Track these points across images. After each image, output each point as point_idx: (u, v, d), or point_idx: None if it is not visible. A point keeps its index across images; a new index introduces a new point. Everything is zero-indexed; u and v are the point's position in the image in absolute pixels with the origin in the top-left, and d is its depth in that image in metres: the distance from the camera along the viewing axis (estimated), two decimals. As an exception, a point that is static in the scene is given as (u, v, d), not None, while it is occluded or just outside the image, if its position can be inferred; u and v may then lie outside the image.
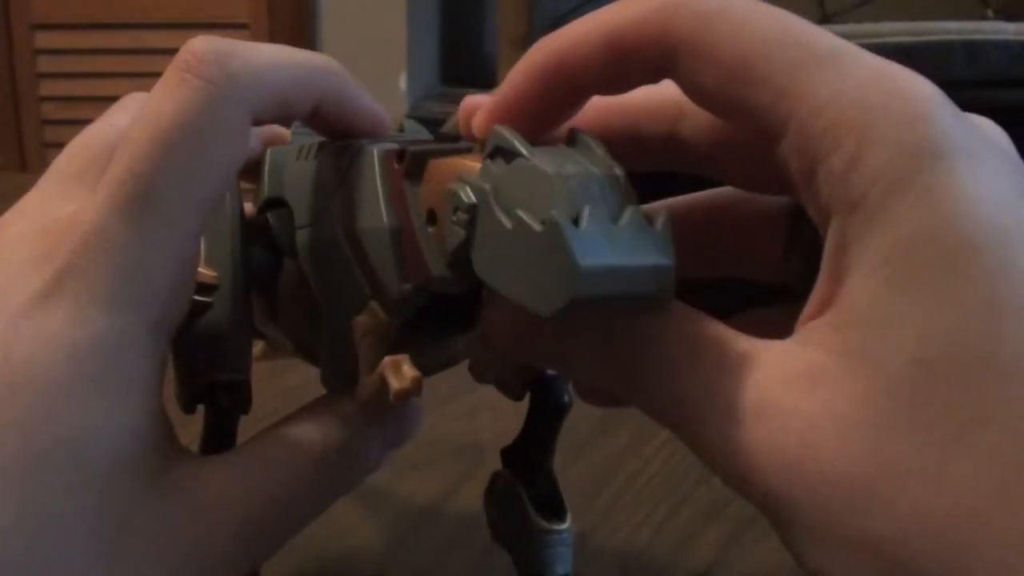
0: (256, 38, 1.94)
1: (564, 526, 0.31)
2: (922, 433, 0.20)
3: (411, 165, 0.27)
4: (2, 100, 1.98)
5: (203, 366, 0.31)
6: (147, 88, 0.31)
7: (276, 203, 0.32)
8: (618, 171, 0.23)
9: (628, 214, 0.22)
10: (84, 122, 0.31)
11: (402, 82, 1.97)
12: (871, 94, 0.22)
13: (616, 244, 0.22)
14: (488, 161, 0.24)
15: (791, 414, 0.21)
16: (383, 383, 0.28)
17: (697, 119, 0.27)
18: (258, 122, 0.28)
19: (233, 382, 0.32)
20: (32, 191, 0.30)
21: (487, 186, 0.23)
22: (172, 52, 0.28)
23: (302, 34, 1.99)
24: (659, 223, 0.22)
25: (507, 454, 0.32)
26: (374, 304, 0.29)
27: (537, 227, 0.22)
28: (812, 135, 0.22)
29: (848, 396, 0.21)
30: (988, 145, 0.22)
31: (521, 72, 0.26)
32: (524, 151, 0.23)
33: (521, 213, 0.22)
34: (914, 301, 0.21)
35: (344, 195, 0.29)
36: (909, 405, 0.20)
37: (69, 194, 0.29)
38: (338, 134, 0.31)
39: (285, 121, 0.30)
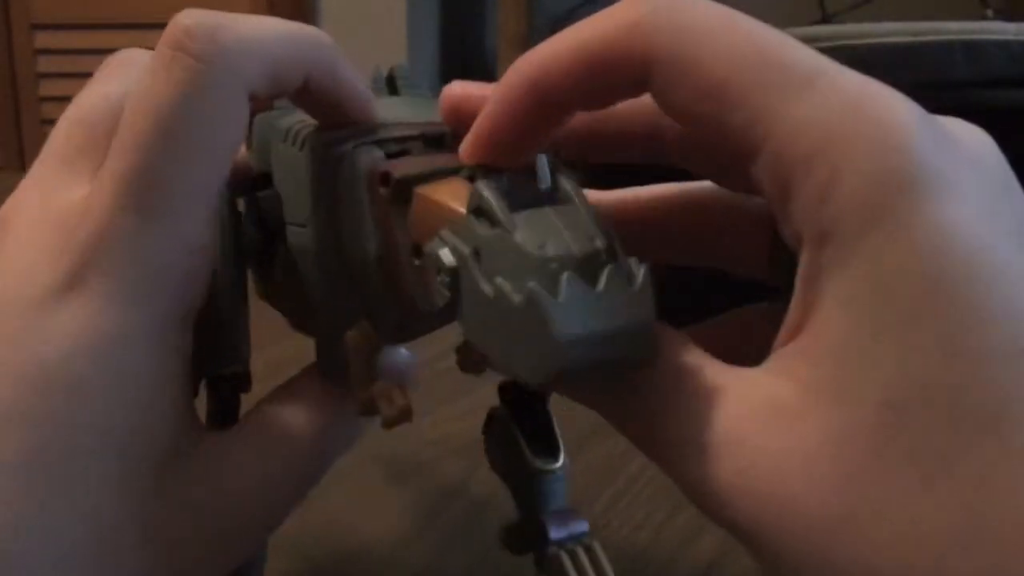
0: (256, 38, 1.95)
1: (557, 465, 0.31)
2: (889, 477, 0.20)
3: (396, 192, 0.27)
4: (2, 100, 1.98)
5: (202, 359, 0.32)
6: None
7: (264, 179, 0.32)
8: (599, 242, 0.23)
9: (606, 277, 0.22)
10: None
11: (402, 82, 1.97)
12: (846, 121, 0.21)
13: (595, 311, 0.22)
14: (471, 218, 0.24)
15: (761, 450, 0.21)
16: (374, 406, 0.29)
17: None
18: (252, 97, 0.28)
19: (233, 373, 0.32)
20: (33, 170, 0.29)
21: (467, 250, 0.23)
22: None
23: (302, 34, 2.00)
24: (637, 282, 0.23)
25: (503, 389, 0.32)
26: (364, 323, 0.29)
27: (517, 299, 0.22)
28: (785, 161, 0.22)
29: (817, 434, 0.21)
30: (971, 169, 0.22)
31: (500, 96, 0.25)
32: (504, 222, 0.23)
33: (502, 283, 0.22)
34: (884, 342, 0.21)
35: (332, 205, 0.29)
36: (877, 448, 0.20)
37: (73, 176, 0.28)
38: (324, 112, 0.30)
39: (277, 95, 0.29)
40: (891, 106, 0.22)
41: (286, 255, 0.31)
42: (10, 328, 0.26)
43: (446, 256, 0.24)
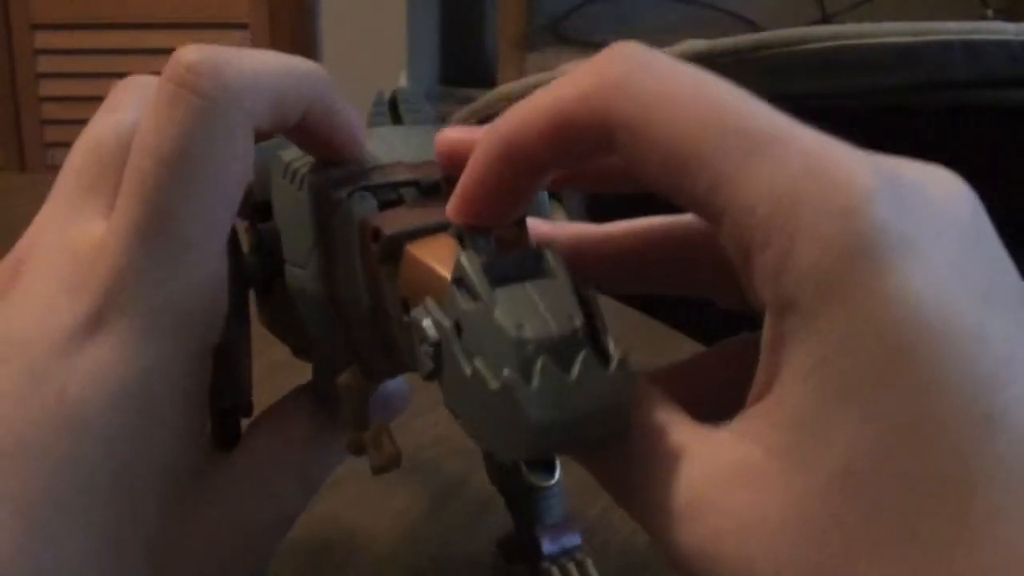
0: (256, 38, 1.94)
1: (553, 481, 0.32)
2: (849, 544, 0.20)
3: (386, 249, 0.27)
4: (2, 100, 1.98)
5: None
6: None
7: (265, 208, 0.32)
8: (577, 321, 0.23)
9: (581, 362, 0.23)
10: (84, 122, 0.31)
11: (402, 82, 1.97)
12: (804, 187, 0.21)
13: (569, 397, 0.22)
14: (454, 289, 0.24)
15: (727, 514, 0.22)
16: (364, 450, 0.30)
17: None
18: (255, 131, 0.28)
19: (233, 407, 0.32)
20: (49, 203, 0.30)
21: (448, 324, 0.24)
22: (172, 52, 0.28)
23: (302, 34, 1.99)
24: (613, 364, 0.23)
25: None
26: (356, 368, 0.30)
27: (493, 383, 0.22)
28: (745, 230, 0.22)
29: (779, 500, 0.21)
30: (937, 228, 0.21)
31: (478, 159, 0.26)
32: (484, 298, 0.23)
33: (479, 364, 0.23)
34: (843, 411, 0.21)
35: (326, 252, 0.29)
36: (837, 515, 0.20)
37: (88, 210, 0.29)
38: (316, 146, 0.30)
39: (279, 130, 0.30)
40: (850, 169, 0.21)
41: (284, 289, 0.31)
42: (32, 364, 0.26)
43: (429, 329, 0.24)
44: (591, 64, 0.24)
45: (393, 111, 0.34)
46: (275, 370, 0.36)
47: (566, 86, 0.24)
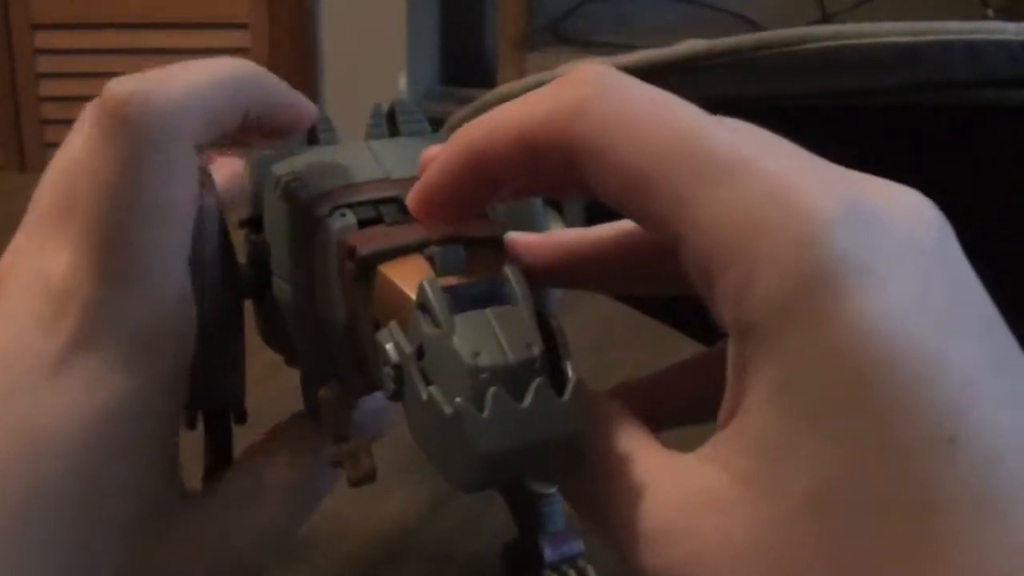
0: (256, 38, 1.94)
1: (555, 488, 0.32)
2: (813, 569, 0.20)
3: (360, 269, 0.28)
4: (2, 100, 1.98)
5: (193, 397, 0.32)
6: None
7: (259, 221, 0.32)
8: (535, 349, 0.23)
9: (534, 390, 0.23)
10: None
11: (402, 82, 1.97)
12: (764, 213, 0.21)
13: (521, 426, 0.23)
14: (418, 313, 0.24)
15: (694, 540, 0.22)
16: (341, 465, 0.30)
17: None
18: (197, 148, 0.29)
19: (223, 410, 0.33)
20: (22, 228, 0.30)
21: (409, 349, 0.24)
22: (172, 52, 0.28)
23: (302, 34, 1.99)
24: (568, 391, 0.23)
25: None
26: (336, 382, 0.30)
27: (447, 410, 0.23)
28: (704, 254, 0.22)
29: (744, 526, 0.21)
30: (899, 254, 0.21)
31: (442, 164, 0.26)
32: (444, 324, 0.24)
33: (435, 391, 0.23)
34: (805, 438, 0.21)
35: (307, 268, 0.30)
36: (802, 541, 0.20)
37: (57, 237, 0.29)
38: (263, 138, 0.31)
39: (222, 139, 0.30)
40: (810, 196, 0.21)
41: (275, 301, 0.32)
42: (3, 396, 0.27)
43: (391, 352, 0.25)
44: (553, 87, 0.24)
45: (391, 123, 0.35)
46: (275, 370, 0.36)
47: (528, 108, 0.24)
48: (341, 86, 2.00)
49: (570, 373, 0.24)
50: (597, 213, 0.31)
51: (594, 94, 0.24)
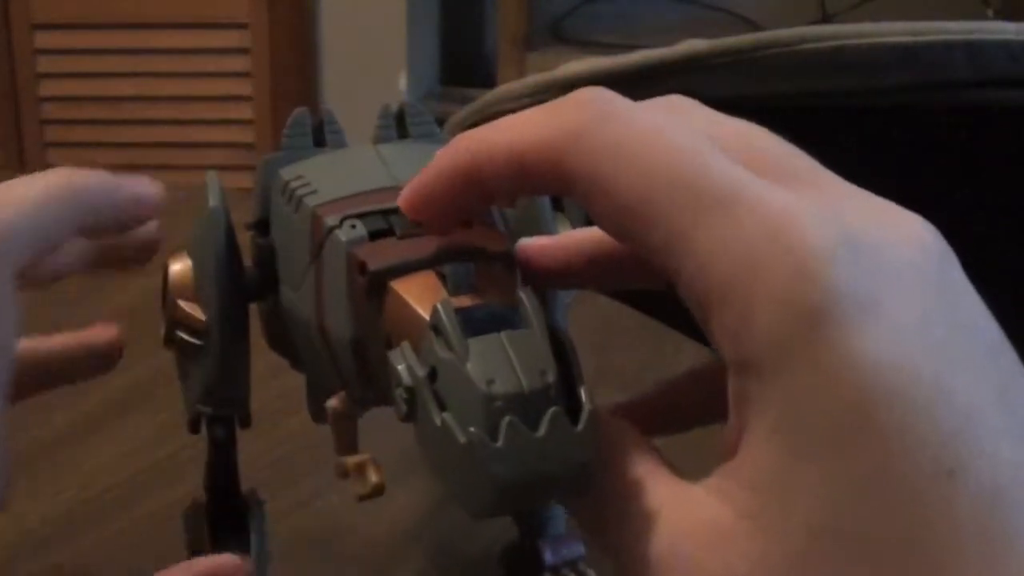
0: (256, 38, 1.94)
1: None
2: None
3: (371, 286, 0.27)
4: (2, 100, 1.98)
5: (194, 400, 0.32)
6: (148, 88, 0.31)
7: (265, 225, 0.32)
8: (550, 376, 0.23)
9: (548, 420, 0.23)
10: (84, 122, 0.32)
11: (402, 82, 1.97)
12: (760, 248, 0.21)
13: (534, 456, 0.23)
14: (431, 335, 0.24)
15: (696, 569, 0.22)
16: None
17: None
18: (20, 274, 0.29)
19: (224, 415, 0.32)
20: None
21: (422, 373, 0.24)
22: (172, 52, 0.28)
23: (302, 34, 1.99)
24: (582, 421, 0.23)
25: None
26: (344, 394, 0.30)
27: (461, 438, 0.23)
28: (701, 287, 0.22)
29: (747, 559, 0.21)
30: (898, 284, 0.21)
31: (436, 170, 0.26)
32: (457, 348, 0.24)
33: (448, 418, 0.23)
34: (805, 473, 0.21)
35: (316, 278, 0.30)
36: (801, 574, 0.20)
37: None
38: (108, 234, 0.32)
39: (51, 253, 0.31)
40: (808, 229, 0.21)
41: (281, 308, 0.32)
42: None
43: (404, 375, 0.25)
44: (551, 110, 0.24)
45: (400, 124, 0.34)
46: (276, 370, 0.36)
47: (526, 129, 0.24)
48: (341, 86, 2.00)
49: (584, 400, 0.24)
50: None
51: (591, 120, 0.23)
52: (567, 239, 0.30)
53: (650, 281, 0.29)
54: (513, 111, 0.26)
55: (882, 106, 0.51)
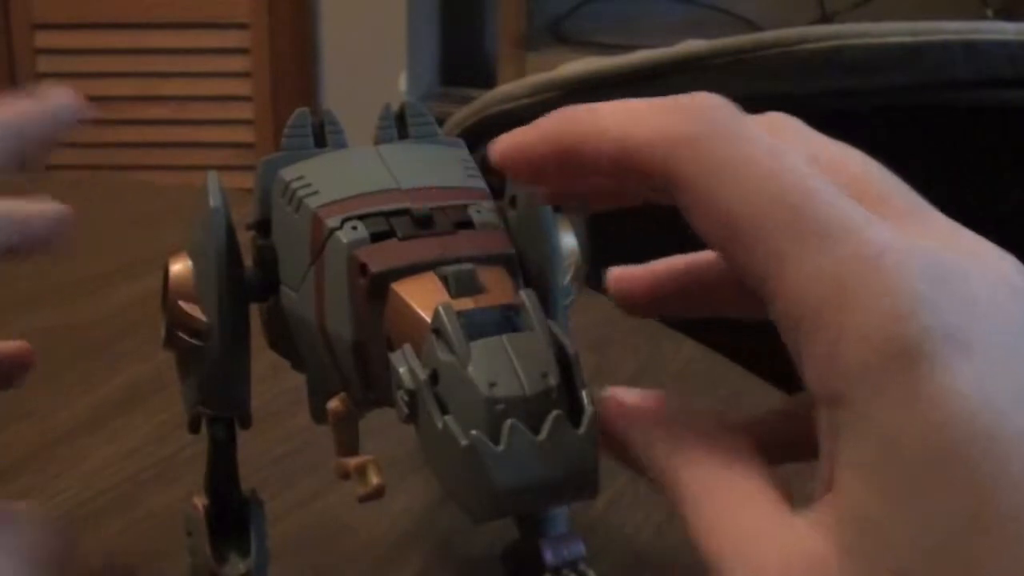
0: (256, 38, 1.94)
1: None
2: None
3: (372, 287, 0.27)
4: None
5: (194, 401, 0.32)
6: (148, 88, 0.31)
7: (266, 225, 0.32)
8: (552, 379, 0.23)
9: (551, 423, 0.23)
10: (84, 122, 0.31)
11: (402, 82, 1.97)
12: (855, 281, 0.22)
13: (537, 459, 0.23)
14: (432, 337, 0.24)
15: None
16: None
17: None
18: None
19: (225, 416, 0.32)
20: None
21: (424, 376, 0.24)
22: (172, 52, 0.28)
23: (302, 34, 1.99)
24: (584, 424, 0.23)
25: None
26: (344, 395, 0.30)
27: (462, 442, 0.23)
28: (793, 314, 0.22)
29: None
30: (987, 323, 0.22)
31: (540, 133, 0.26)
32: (459, 351, 0.24)
33: (450, 422, 0.23)
34: (896, 512, 0.21)
35: (317, 279, 0.30)
36: None
37: None
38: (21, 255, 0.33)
39: None
40: (905, 266, 0.22)
41: (281, 309, 0.32)
42: None
43: (405, 377, 0.24)
44: (669, 110, 0.24)
45: (400, 124, 0.34)
46: (276, 370, 0.36)
47: (641, 123, 0.24)
48: (341, 86, 2.00)
49: (586, 404, 0.24)
50: (601, 221, 0.31)
51: (705, 130, 0.24)
52: (658, 264, 0.30)
53: (741, 309, 0.29)
54: (512, 111, 0.26)
55: (882, 106, 0.51)
